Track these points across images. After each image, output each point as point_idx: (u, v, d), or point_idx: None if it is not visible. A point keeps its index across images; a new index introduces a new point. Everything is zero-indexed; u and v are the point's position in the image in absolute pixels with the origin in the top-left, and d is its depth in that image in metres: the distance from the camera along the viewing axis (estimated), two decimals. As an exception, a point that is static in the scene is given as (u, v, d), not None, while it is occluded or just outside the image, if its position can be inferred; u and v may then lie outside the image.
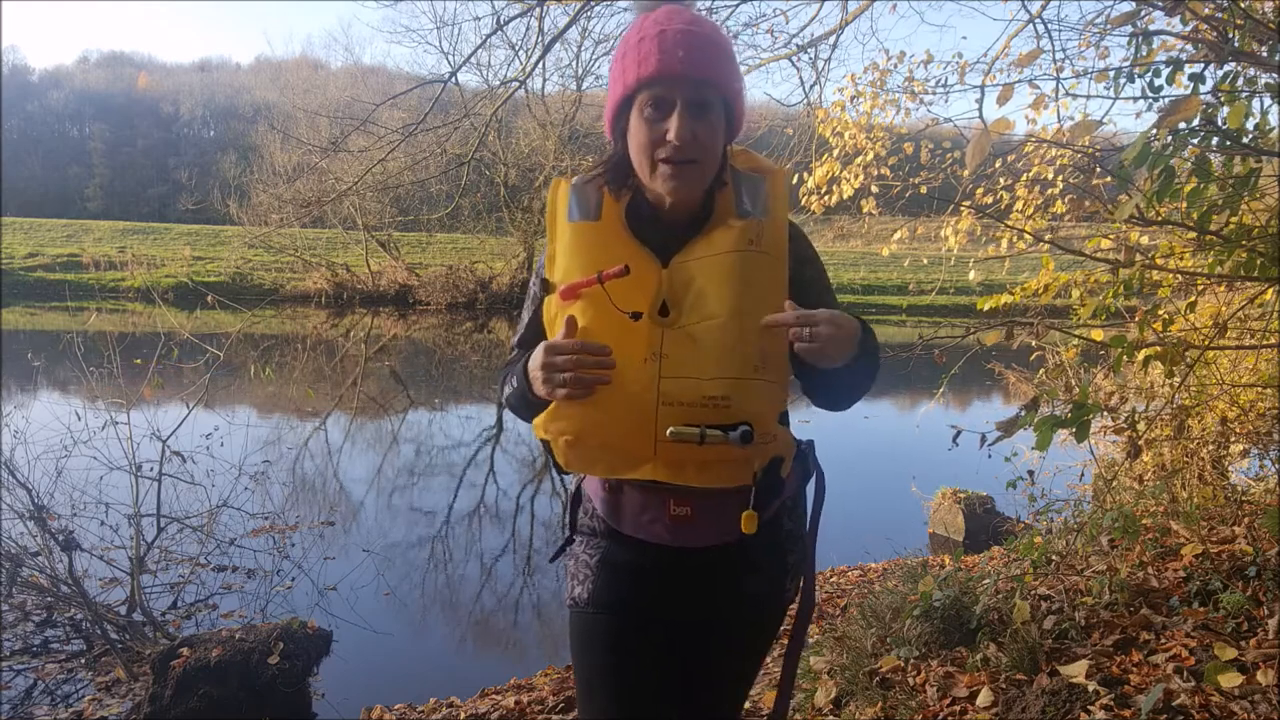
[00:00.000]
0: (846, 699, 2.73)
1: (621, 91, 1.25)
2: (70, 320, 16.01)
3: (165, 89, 61.28)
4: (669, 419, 1.17)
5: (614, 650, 1.36)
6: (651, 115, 1.22)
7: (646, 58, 1.21)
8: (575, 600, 1.39)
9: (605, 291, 1.20)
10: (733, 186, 1.29)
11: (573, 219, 1.29)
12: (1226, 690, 2.19)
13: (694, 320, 1.21)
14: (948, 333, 3.03)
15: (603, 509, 1.36)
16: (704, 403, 1.18)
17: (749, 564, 1.35)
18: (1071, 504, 3.99)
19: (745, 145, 1.41)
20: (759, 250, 1.24)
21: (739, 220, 1.26)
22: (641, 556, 1.34)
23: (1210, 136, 2.05)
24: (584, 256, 1.25)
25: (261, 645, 3.29)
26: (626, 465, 1.24)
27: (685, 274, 1.23)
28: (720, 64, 1.24)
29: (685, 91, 1.21)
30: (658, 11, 1.25)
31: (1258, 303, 2.95)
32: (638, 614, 1.36)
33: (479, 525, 6.22)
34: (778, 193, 1.31)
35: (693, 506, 1.28)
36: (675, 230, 1.28)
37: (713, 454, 1.19)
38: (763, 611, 1.40)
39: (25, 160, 50.07)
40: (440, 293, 22.58)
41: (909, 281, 25.90)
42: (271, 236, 20.67)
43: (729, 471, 1.23)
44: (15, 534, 3.86)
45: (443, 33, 13.55)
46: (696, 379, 1.18)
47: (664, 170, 1.23)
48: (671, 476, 1.22)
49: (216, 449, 4.93)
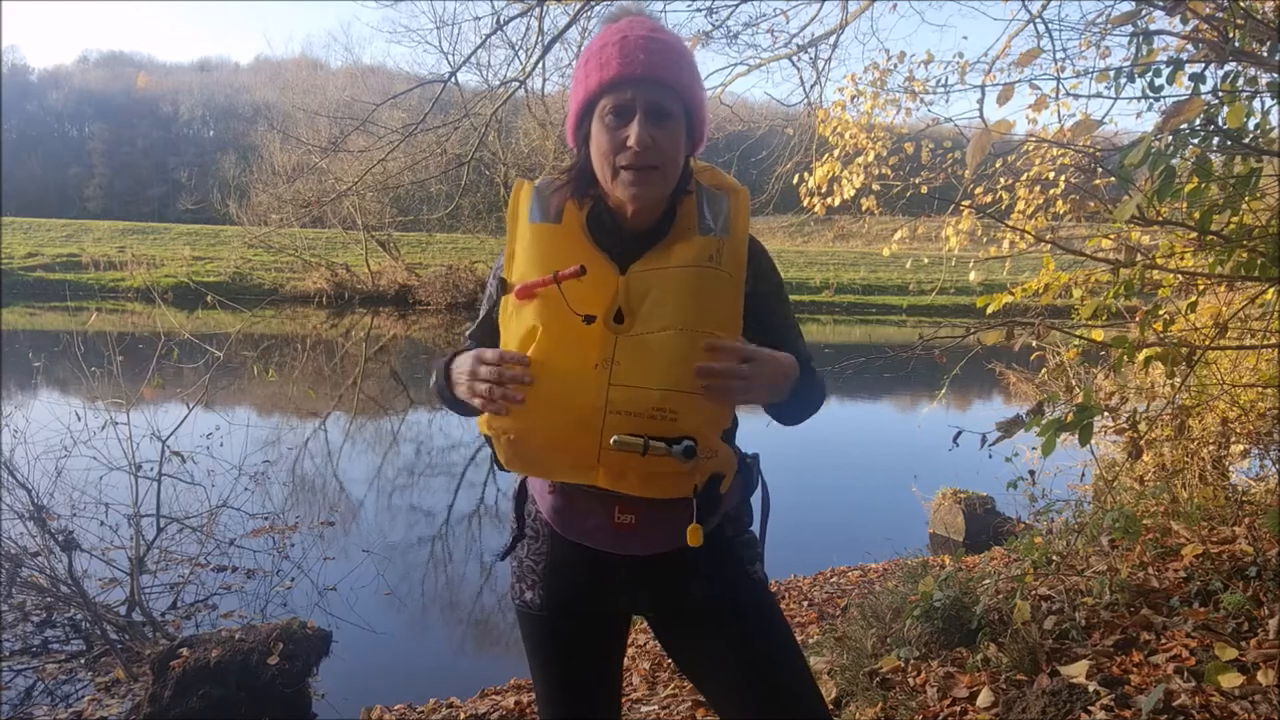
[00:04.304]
0: (847, 699, 2.73)
1: (583, 96, 1.26)
2: (70, 320, 16.00)
3: (165, 89, 61.35)
4: (615, 427, 1.17)
5: (572, 653, 1.39)
6: (612, 122, 1.23)
7: (608, 62, 1.22)
8: (527, 604, 1.39)
9: (560, 292, 1.20)
10: (696, 200, 1.30)
11: (533, 220, 1.30)
12: (1227, 690, 2.19)
13: (648, 329, 1.21)
14: (948, 333, 3.02)
15: (547, 512, 1.35)
16: (651, 414, 1.17)
17: (693, 571, 1.34)
18: (1072, 504, 3.98)
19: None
20: (718, 267, 1.25)
21: (701, 236, 1.27)
22: (586, 560, 1.34)
23: (1211, 136, 2.05)
24: (542, 258, 1.25)
25: (261, 645, 3.28)
26: (569, 469, 1.24)
27: (643, 283, 1.24)
28: (681, 70, 1.25)
29: (646, 95, 1.22)
30: (620, 21, 1.27)
31: (1258, 303, 2.95)
32: (589, 616, 1.38)
33: (479, 525, 6.22)
34: (740, 211, 1.32)
35: (637, 515, 1.28)
36: (635, 240, 1.29)
37: (655, 465, 1.19)
38: (728, 600, 1.37)
39: (25, 160, 50.11)
40: (440, 293, 22.60)
41: (909, 281, 25.96)
42: (271, 236, 20.69)
43: (670, 484, 1.23)
44: (15, 534, 3.85)
45: (443, 33, 13.49)
46: (645, 389, 1.18)
47: (625, 176, 1.24)
48: (613, 484, 1.22)
49: (216, 449, 4.93)
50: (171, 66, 69.83)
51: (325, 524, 5.76)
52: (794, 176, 5.92)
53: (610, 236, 1.29)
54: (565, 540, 1.34)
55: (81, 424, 4.43)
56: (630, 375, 1.18)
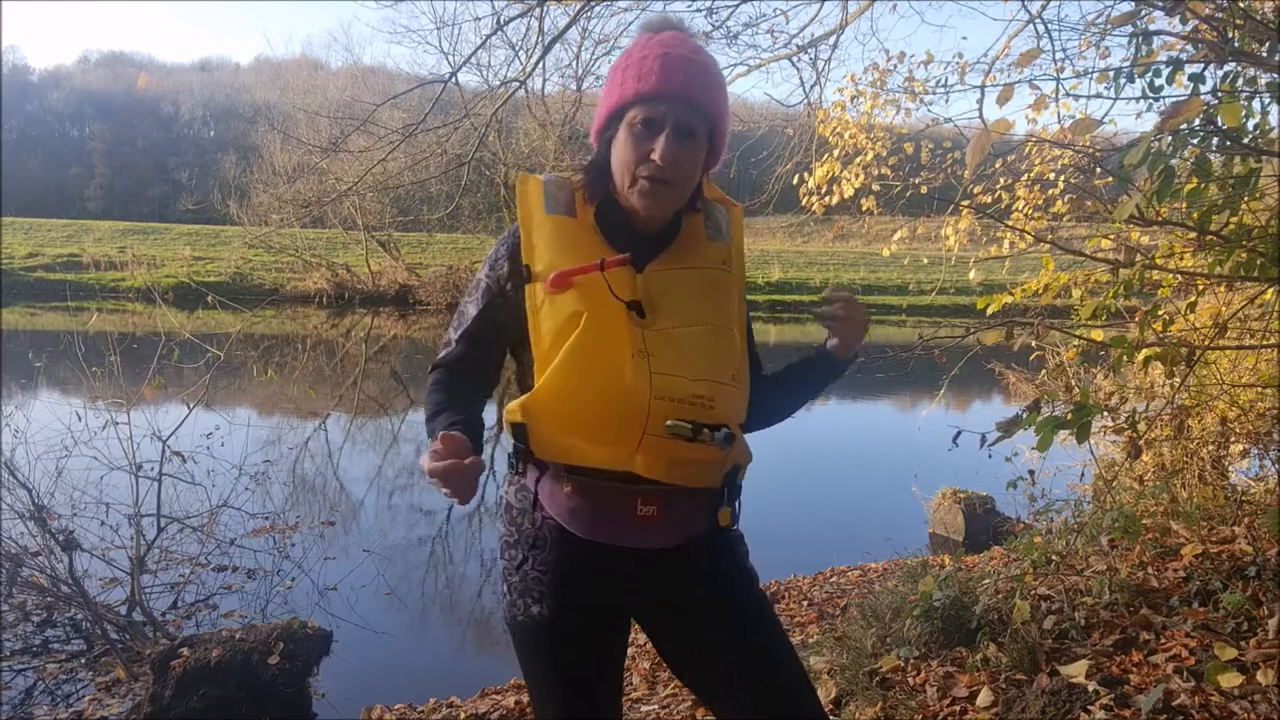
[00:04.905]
0: (846, 699, 2.73)
1: (618, 100, 1.29)
2: (70, 320, 16.01)
3: (165, 89, 61.37)
4: (661, 412, 1.20)
5: (574, 651, 1.35)
6: (640, 132, 1.27)
7: (647, 74, 1.26)
8: (533, 618, 1.33)
9: (606, 280, 1.24)
10: (704, 211, 1.39)
11: (550, 211, 1.32)
12: (1226, 690, 2.19)
13: (673, 324, 1.26)
14: (948, 333, 3.02)
15: (563, 515, 1.30)
16: (693, 400, 1.21)
17: (697, 566, 1.36)
18: (1071, 504, 3.98)
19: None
20: (729, 271, 1.36)
21: (711, 242, 1.36)
22: (596, 560, 1.32)
23: (1210, 137, 2.05)
24: (568, 248, 1.28)
25: (261, 645, 3.28)
26: (607, 456, 1.24)
27: (660, 281, 1.29)
28: (714, 95, 1.29)
29: (677, 114, 1.26)
30: (664, 34, 1.30)
31: (1258, 303, 2.95)
32: (594, 615, 1.36)
33: (479, 525, 6.22)
34: (736, 223, 1.42)
35: (659, 506, 1.29)
36: (643, 241, 1.32)
37: (691, 453, 1.22)
38: (727, 596, 1.37)
39: (25, 160, 50.11)
40: (440, 293, 22.58)
41: (909, 281, 25.93)
42: (271, 236, 20.66)
43: (700, 472, 1.27)
44: (15, 534, 3.86)
45: (443, 33, 13.55)
46: (684, 378, 1.23)
47: (642, 186, 1.28)
48: (646, 470, 1.24)
49: (217, 449, 4.93)
50: (172, 67, 69.90)
51: (326, 524, 5.76)
52: (794, 177, 5.93)
53: (620, 236, 1.32)
54: (575, 543, 1.32)
55: (82, 424, 4.44)
56: (668, 365, 1.23)
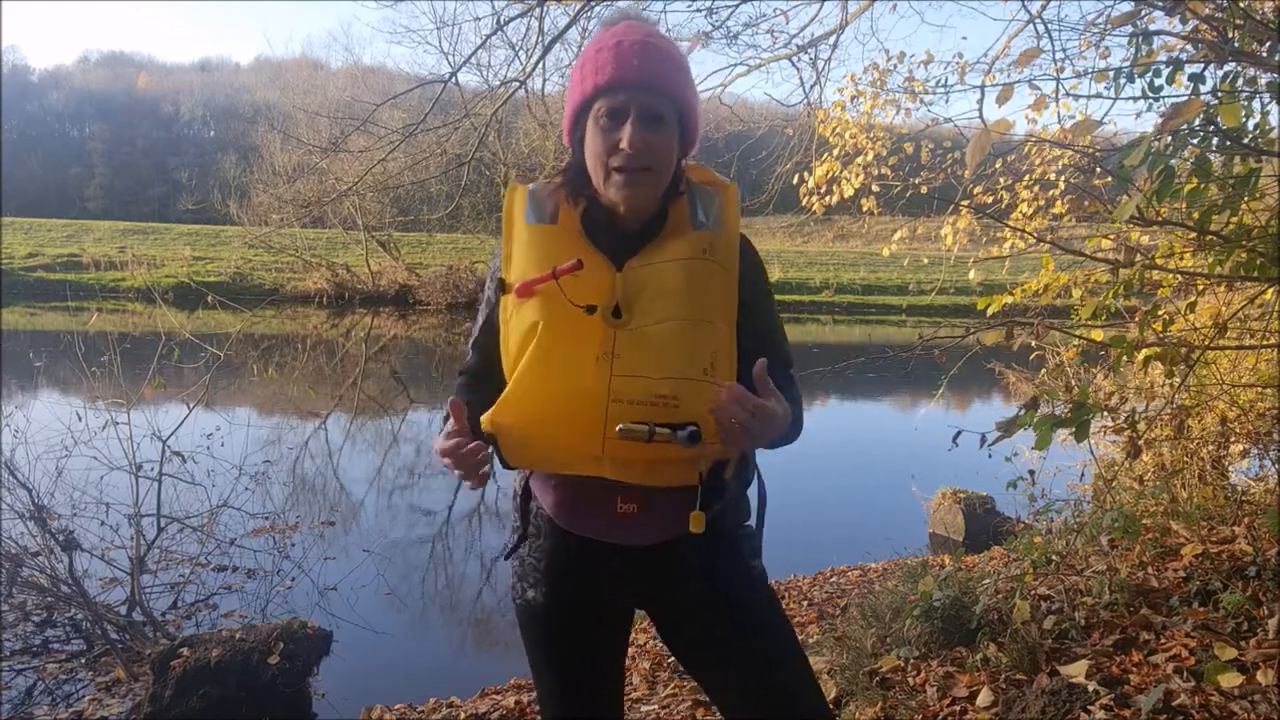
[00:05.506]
0: (846, 699, 2.73)
1: (579, 99, 1.29)
2: (70, 320, 16.01)
3: (165, 89, 61.37)
4: (619, 415, 1.19)
5: (574, 650, 1.40)
6: (606, 124, 1.26)
7: (603, 67, 1.25)
8: (529, 602, 1.40)
9: (559, 286, 1.22)
10: (688, 198, 1.34)
11: (530, 221, 1.32)
12: (1226, 690, 2.19)
13: (647, 322, 1.24)
14: (948, 333, 3.02)
15: (550, 508, 1.36)
16: (654, 401, 1.20)
17: (690, 564, 1.35)
18: (1071, 504, 3.98)
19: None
20: (711, 259, 1.29)
21: (694, 231, 1.31)
22: (588, 554, 1.35)
23: (1210, 137, 2.05)
24: (540, 257, 1.28)
25: (261, 645, 3.28)
26: (574, 461, 1.25)
27: (639, 278, 1.27)
28: (674, 75, 1.28)
29: (639, 100, 1.25)
30: (617, 25, 1.30)
31: (1258, 303, 2.95)
32: (591, 612, 1.39)
33: (479, 525, 6.22)
34: (730, 206, 1.36)
35: (639, 504, 1.30)
36: (629, 237, 1.31)
37: (660, 453, 1.21)
38: (725, 594, 1.37)
39: (25, 160, 50.12)
40: (440, 293, 22.60)
41: (909, 281, 25.96)
42: (271, 236, 20.66)
43: (675, 471, 1.25)
44: (15, 534, 3.85)
45: (443, 33, 13.44)
46: (647, 378, 1.20)
47: (617, 178, 1.27)
48: (618, 474, 1.24)
49: (217, 449, 4.93)
50: (172, 67, 69.93)
51: (326, 524, 5.76)
52: (794, 176, 5.93)
53: (606, 235, 1.31)
54: (568, 536, 1.35)
55: (82, 424, 4.43)
56: (632, 366, 1.21)
